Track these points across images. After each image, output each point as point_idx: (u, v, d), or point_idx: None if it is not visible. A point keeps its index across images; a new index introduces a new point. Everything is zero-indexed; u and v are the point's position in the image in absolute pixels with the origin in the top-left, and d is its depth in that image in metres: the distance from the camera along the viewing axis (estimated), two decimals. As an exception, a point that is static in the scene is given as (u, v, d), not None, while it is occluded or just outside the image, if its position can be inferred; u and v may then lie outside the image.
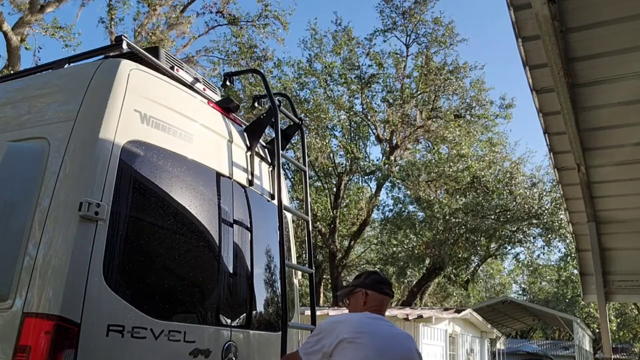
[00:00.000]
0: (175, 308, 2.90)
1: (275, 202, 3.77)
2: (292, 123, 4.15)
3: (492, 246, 19.98)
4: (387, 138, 19.46)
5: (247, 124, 3.93)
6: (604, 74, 3.77)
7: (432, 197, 18.71)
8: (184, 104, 3.20)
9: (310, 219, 4.05)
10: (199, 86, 3.67)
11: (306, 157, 4.37)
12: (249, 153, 3.74)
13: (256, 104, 4.67)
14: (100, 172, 2.53)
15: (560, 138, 4.49)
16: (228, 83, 4.12)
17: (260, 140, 3.92)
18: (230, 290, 3.29)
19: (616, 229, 5.67)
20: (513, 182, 18.60)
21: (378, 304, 2.53)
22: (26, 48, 15.00)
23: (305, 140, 4.37)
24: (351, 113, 19.12)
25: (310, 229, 4.05)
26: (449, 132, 17.79)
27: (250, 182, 3.66)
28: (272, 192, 3.92)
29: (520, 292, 44.71)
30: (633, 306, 34.25)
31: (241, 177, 3.58)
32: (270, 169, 4.00)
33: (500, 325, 27.26)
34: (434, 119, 18.60)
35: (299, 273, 4.28)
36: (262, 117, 3.87)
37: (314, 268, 3.92)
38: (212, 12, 17.54)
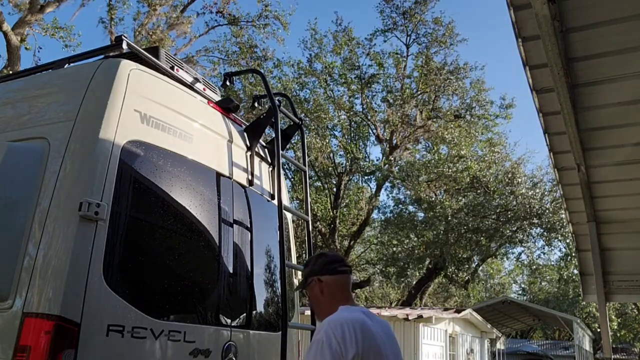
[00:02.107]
0: (175, 308, 2.90)
1: (275, 202, 3.77)
2: (292, 123, 4.15)
3: (492, 246, 19.97)
4: (387, 138, 19.45)
5: (247, 124, 3.93)
6: (604, 74, 3.77)
7: (433, 198, 18.71)
8: (184, 104, 3.20)
9: (310, 219, 4.05)
10: (199, 86, 3.67)
11: (306, 157, 4.37)
12: (249, 153, 3.74)
13: (256, 104, 4.67)
14: (100, 172, 2.53)
15: (560, 138, 4.49)
16: (228, 83, 4.12)
17: (260, 140, 3.93)
18: (230, 290, 3.29)
19: (616, 229, 5.67)
20: (514, 182, 18.60)
21: (340, 288, 2.16)
22: (26, 48, 15.01)
23: (305, 140, 4.36)
24: (351, 113, 19.12)
25: (310, 229, 4.05)
26: (448, 132, 17.79)
27: (250, 182, 3.66)
28: (272, 192, 3.92)
29: (520, 292, 44.72)
30: (633, 306, 34.24)
31: (241, 177, 3.58)
32: (270, 169, 4.00)
33: (500, 325, 27.26)
34: (434, 119, 18.60)
35: (299, 273, 4.28)
36: (262, 117, 3.87)
37: None
38: (212, 12, 17.54)
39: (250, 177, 3.68)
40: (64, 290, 2.28)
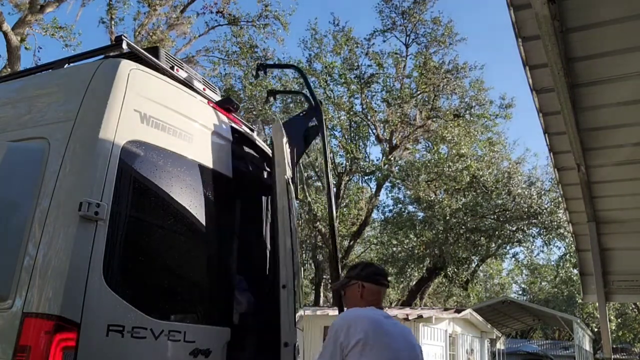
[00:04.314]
0: (175, 308, 2.90)
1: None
2: (313, 124, 3.81)
3: (492, 246, 19.98)
4: (387, 138, 19.45)
5: (286, 121, 3.78)
6: (604, 74, 3.78)
7: (432, 197, 18.71)
8: (184, 104, 3.19)
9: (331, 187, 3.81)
10: (199, 86, 3.67)
11: (325, 139, 3.81)
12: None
13: (271, 99, 4.46)
14: (100, 172, 2.53)
15: (560, 138, 4.49)
16: (261, 73, 3.97)
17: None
18: (231, 290, 3.29)
19: (616, 229, 5.67)
20: (512, 181, 18.61)
21: (376, 296, 2.51)
22: (26, 48, 14.99)
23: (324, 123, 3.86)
24: (351, 113, 19.11)
25: (335, 216, 3.78)
26: (447, 131, 17.79)
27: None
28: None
29: (520, 292, 44.74)
30: (633, 306, 34.24)
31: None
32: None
33: (500, 325, 27.27)
34: (434, 119, 18.60)
35: (300, 274, 4.28)
36: (301, 115, 3.72)
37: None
38: (212, 12, 17.53)
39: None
40: (63, 290, 2.28)
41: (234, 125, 3.67)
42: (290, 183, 3.40)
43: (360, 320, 2.28)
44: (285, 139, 3.38)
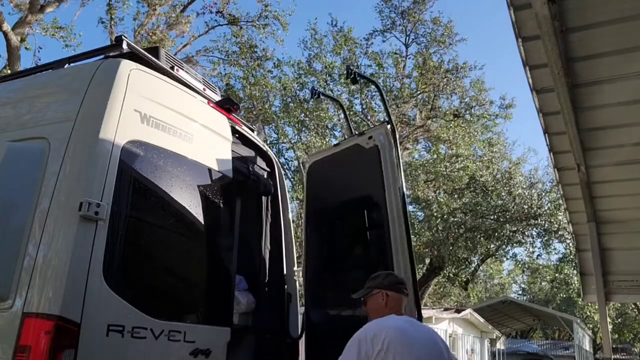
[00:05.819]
0: (176, 308, 2.90)
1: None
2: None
3: (491, 246, 19.97)
4: (387, 138, 19.41)
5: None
6: (604, 74, 3.78)
7: (430, 197, 18.70)
8: (184, 104, 3.19)
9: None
10: (199, 86, 3.67)
11: (399, 154, 3.78)
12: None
13: (316, 98, 4.46)
14: (100, 172, 2.53)
15: (560, 138, 4.49)
16: (352, 77, 3.93)
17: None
18: (231, 290, 3.29)
19: (616, 229, 5.67)
20: (511, 182, 18.61)
21: (398, 304, 2.57)
22: (26, 48, 14.99)
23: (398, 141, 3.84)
24: (351, 113, 19.09)
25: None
26: (444, 132, 17.78)
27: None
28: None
29: (520, 292, 44.74)
30: (633, 306, 34.23)
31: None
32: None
33: (500, 325, 27.29)
34: (434, 119, 18.59)
35: (300, 272, 4.29)
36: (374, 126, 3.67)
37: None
38: (212, 12, 17.50)
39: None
40: (63, 290, 2.28)
41: (234, 125, 3.68)
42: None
43: (384, 330, 2.32)
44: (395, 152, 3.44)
